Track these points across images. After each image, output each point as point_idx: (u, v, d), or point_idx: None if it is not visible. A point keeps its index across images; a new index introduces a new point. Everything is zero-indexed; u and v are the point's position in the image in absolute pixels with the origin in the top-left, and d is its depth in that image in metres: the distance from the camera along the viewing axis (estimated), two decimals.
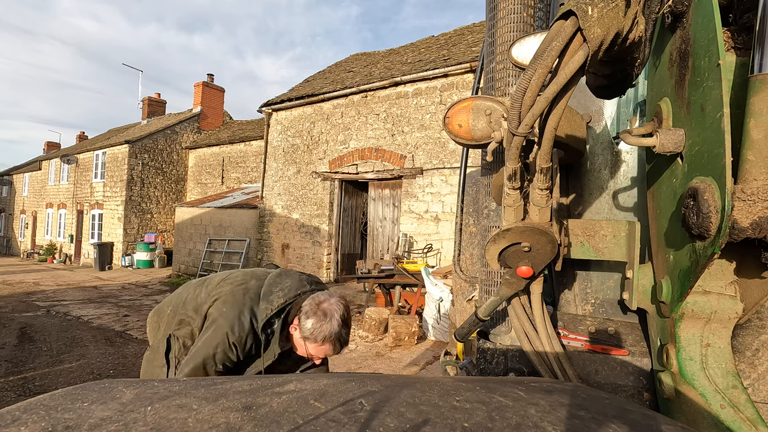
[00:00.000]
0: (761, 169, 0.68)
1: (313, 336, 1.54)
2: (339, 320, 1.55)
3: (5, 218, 29.56)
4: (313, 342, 1.55)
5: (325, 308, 1.55)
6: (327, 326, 1.53)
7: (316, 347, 1.57)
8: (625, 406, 0.49)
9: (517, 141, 0.78)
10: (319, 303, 1.57)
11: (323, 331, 1.53)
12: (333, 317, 1.54)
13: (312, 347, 1.57)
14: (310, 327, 1.55)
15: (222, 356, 1.53)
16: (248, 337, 1.57)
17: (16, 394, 4.71)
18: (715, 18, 0.70)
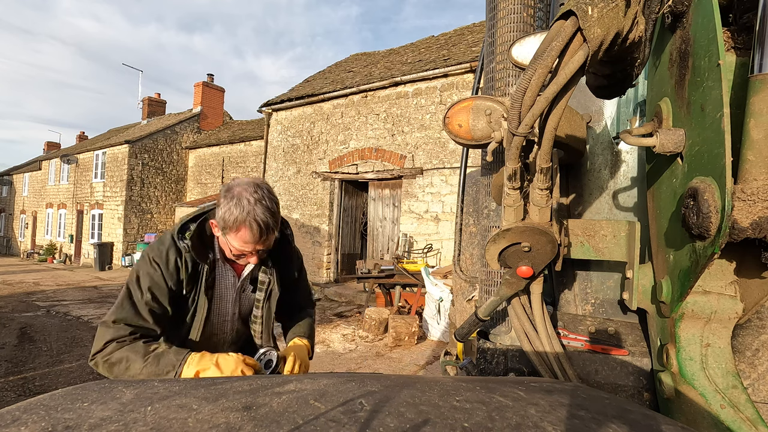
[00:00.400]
0: (761, 169, 0.68)
1: (226, 224, 1.35)
2: (250, 199, 1.33)
3: (5, 218, 29.56)
4: (230, 232, 1.35)
5: (234, 191, 1.35)
6: (236, 208, 1.33)
7: (234, 237, 1.36)
8: (625, 406, 0.49)
9: (517, 141, 0.78)
10: (228, 188, 1.38)
11: (233, 213, 1.33)
12: (242, 196, 1.33)
13: (232, 239, 1.37)
14: (221, 215, 1.36)
15: (146, 279, 1.36)
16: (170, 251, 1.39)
17: (16, 394, 4.71)
18: (715, 18, 0.70)
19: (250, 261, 1.44)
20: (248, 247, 1.38)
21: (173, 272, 1.39)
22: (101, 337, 1.35)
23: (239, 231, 1.34)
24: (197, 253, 1.43)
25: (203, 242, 1.47)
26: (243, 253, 1.41)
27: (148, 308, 1.36)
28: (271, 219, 1.36)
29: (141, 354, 1.31)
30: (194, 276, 1.45)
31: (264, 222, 1.34)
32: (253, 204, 1.33)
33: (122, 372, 1.31)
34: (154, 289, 1.37)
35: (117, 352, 1.32)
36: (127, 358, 1.31)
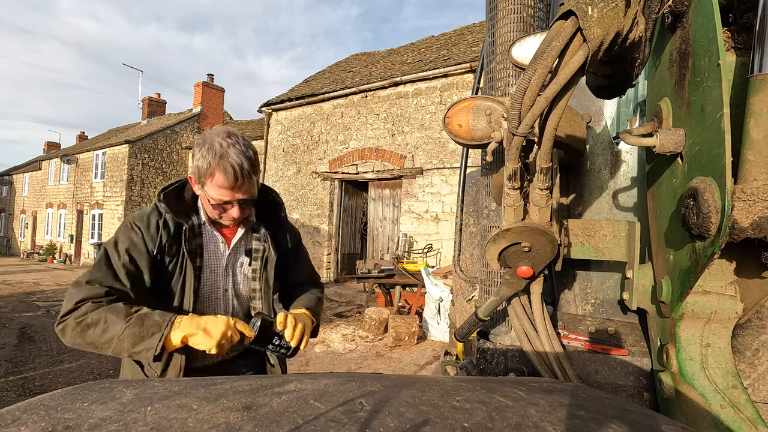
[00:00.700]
0: (761, 169, 0.68)
1: (200, 172, 1.28)
2: (222, 143, 1.27)
3: (5, 218, 29.56)
4: (206, 180, 1.28)
5: (205, 139, 1.30)
6: (208, 153, 1.26)
7: (210, 185, 1.28)
8: (625, 406, 0.49)
9: (517, 141, 0.78)
10: (201, 139, 1.32)
11: (206, 158, 1.26)
12: (214, 142, 1.27)
13: (208, 189, 1.29)
14: (194, 165, 1.31)
15: (125, 242, 1.27)
16: (151, 214, 1.33)
17: (16, 394, 4.71)
18: (715, 18, 0.70)
19: (233, 215, 1.34)
20: (225, 194, 1.29)
21: (154, 234, 1.31)
22: (72, 297, 1.20)
23: (213, 176, 1.26)
24: (175, 212, 1.35)
25: (184, 203, 1.40)
26: (222, 204, 1.31)
27: (125, 270, 1.25)
28: (246, 162, 1.28)
29: (122, 315, 1.18)
30: (177, 240, 1.35)
31: (238, 164, 1.26)
32: (226, 147, 1.26)
33: (98, 335, 1.17)
34: (133, 252, 1.27)
35: (93, 312, 1.18)
36: (105, 319, 1.18)
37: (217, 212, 1.35)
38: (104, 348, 1.19)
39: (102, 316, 1.18)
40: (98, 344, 1.18)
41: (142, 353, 1.17)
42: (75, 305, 1.19)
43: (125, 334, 1.16)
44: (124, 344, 1.17)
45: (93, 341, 1.18)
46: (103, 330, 1.17)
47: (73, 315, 1.19)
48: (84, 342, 1.19)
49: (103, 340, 1.17)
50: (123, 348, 1.17)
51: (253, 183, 1.33)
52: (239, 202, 1.33)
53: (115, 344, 1.17)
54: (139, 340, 1.16)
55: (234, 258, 1.48)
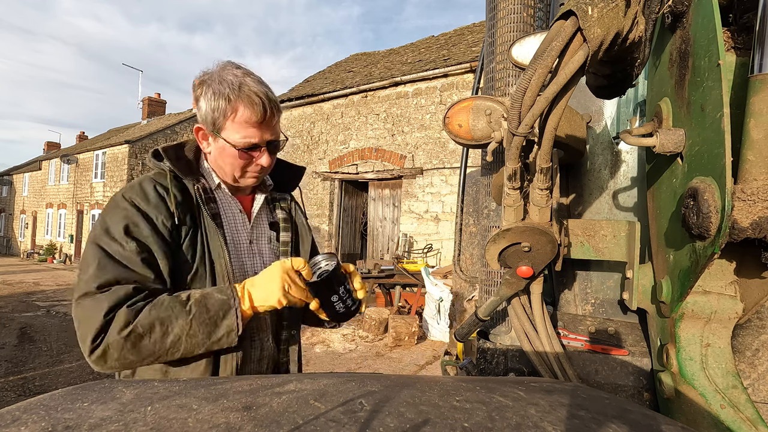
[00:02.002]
0: (761, 169, 0.68)
1: (217, 113, 1.04)
2: (236, 73, 1.05)
3: (5, 218, 29.57)
4: (225, 120, 1.05)
5: (211, 76, 1.07)
6: (222, 86, 1.03)
7: (233, 124, 1.05)
8: (625, 406, 0.49)
9: (517, 141, 0.78)
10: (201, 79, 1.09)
11: (223, 93, 1.03)
12: (224, 76, 1.05)
13: (231, 130, 1.05)
14: (205, 109, 1.06)
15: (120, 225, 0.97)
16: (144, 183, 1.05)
17: (16, 394, 4.71)
18: (715, 18, 0.70)
19: (263, 163, 1.11)
20: (253, 134, 1.05)
21: (157, 203, 1.02)
22: (93, 312, 0.90)
23: (236, 112, 1.04)
24: (179, 168, 1.08)
25: (187, 162, 1.14)
26: (249, 149, 1.08)
27: (139, 258, 0.96)
28: (269, 91, 1.09)
29: (177, 307, 0.93)
30: (189, 205, 1.07)
31: (263, 93, 1.06)
32: (242, 77, 1.05)
33: (158, 342, 0.92)
34: (136, 233, 0.97)
35: (139, 319, 0.91)
36: (160, 320, 0.92)
37: (242, 164, 1.10)
38: (171, 353, 0.95)
39: (153, 317, 0.92)
40: (161, 352, 0.94)
41: (223, 339, 0.97)
42: (105, 319, 0.90)
43: (194, 327, 0.94)
44: (196, 339, 0.95)
45: (153, 351, 0.93)
46: (164, 333, 0.92)
47: (113, 332, 0.90)
48: (140, 357, 0.93)
49: (168, 345, 0.93)
50: (196, 343, 0.95)
51: (279, 119, 1.13)
52: (267, 146, 1.11)
53: (185, 343, 0.94)
54: (213, 327, 0.95)
55: (257, 232, 1.23)
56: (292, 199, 1.33)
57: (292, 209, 1.30)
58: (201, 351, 0.98)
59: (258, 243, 1.22)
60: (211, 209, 1.10)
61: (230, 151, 1.09)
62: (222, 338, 0.97)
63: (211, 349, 0.99)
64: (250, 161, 1.11)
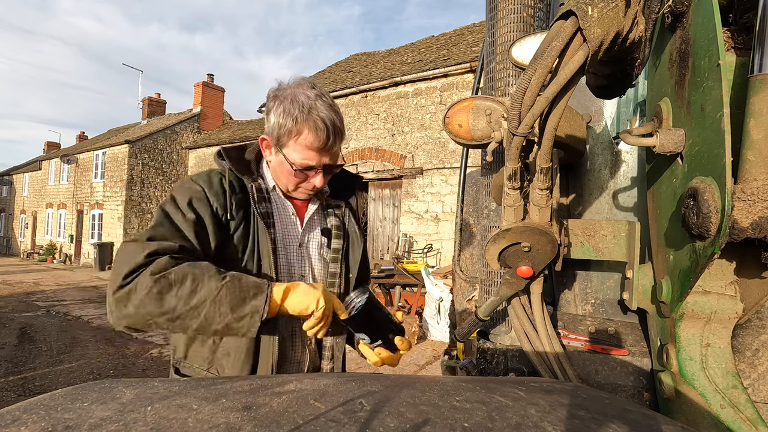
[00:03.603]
0: (761, 169, 0.68)
1: (282, 130, 1.08)
2: (309, 94, 1.08)
3: (5, 218, 29.58)
4: (289, 139, 1.08)
5: (285, 92, 1.10)
6: (293, 106, 1.06)
7: (295, 145, 1.08)
8: (625, 406, 0.49)
9: (517, 141, 0.78)
10: (275, 93, 1.12)
11: (291, 113, 1.06)
12: (297, 94, 1.08)
13: (292, 150, 1.09)
14: (273, 122, 1.09)
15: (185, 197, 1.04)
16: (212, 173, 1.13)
17: (16, 394, 4.71)
18: (715, 18, 0.70)
19: (316, 184, 1.13)
20: (312, 157, 1.09)
21: (218, 191, 1.08)
22: (136, 252, 0.91)
23: (300, 134, 1.07)
24: (239, 170, 1.13)
25: (247, 163, 1.18)
26: (305, 170, 1.11)
27: (193, 230, 1.00)
28: (336, 118, 1.10)
29: (214, 271, 0.94)
30: (245, 201, 1.12)
31: (330, 120, 1.07)
32: (314, 99, 1.07)
33: (184, 296, 0.89)
34: (198, 207, 1.03)
35: (176, 268, 0.91)
36: (194, 276, 0.91)
37: (296, 181, 1.14)
38: (189, 316, 0.91)
39: (188, 271, 0.91)
40: (181, 311, 0.90)
41: (245, 319, 0.93)
42: (146, 259, 0.90)
43: (222, 293, 0.91)
44: (220, 308, 0.91)
45: (175, 306, 0.90)
46: (192, 289, 0.90)
47: (146, 272, 0.89)
48: (159, 308, 0.89)
49: (192, 303, 0.90)
50: (218, 314, 0.91)
51: (340, 145, 1.15)
52: (324, 168, 1.14)
53: (209, 308, 0.91)
54: (240, 302, 0.93)
55: (308, 236, 1.24)
56: (347, 206, 1.33)
57: (345, 217, 1.31)
58: (220, 326, 0.93)
59: (308, 247, 1.24)
60: (262, 208, 1.14)
61: (287, 168, 1.13)
62: (245, 317, 0.93)
63: (231, 330, 0.94)
64: (304, 180, 1.15)
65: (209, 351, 1.10)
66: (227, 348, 1.09)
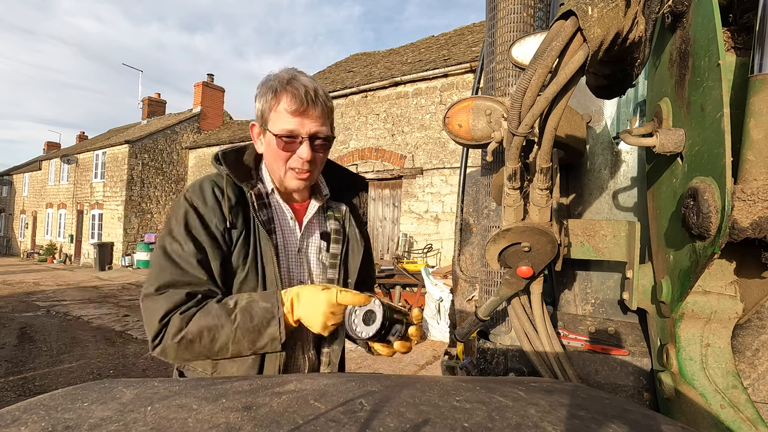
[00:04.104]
0: (761, 169, 0.68)
1: (265, 106, 1.11)
2: (287, 69, 1.13)
3: (5, 218, 29.58)
4: (271, 111, 1.10)
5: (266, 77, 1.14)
6: (271, 81, 1.11)
7: (277, 113, 1.09)
8: (625, 406, 0.49)
9: (517, 141, 0.78)
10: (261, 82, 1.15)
11: (270, 86, 1.10)
12: (275, 74, 1.13)
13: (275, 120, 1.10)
14: (258, 106, 1.14)
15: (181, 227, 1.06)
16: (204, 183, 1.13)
17: (16, 394, 4.71)
18: (715, 18, 0.70)
19: (303, 155, 1.10)
20: (292, 122, 1.08)
21: (214, 206, 1.08)
22: (153, 314, 1.01)
23: (280, 101, 1.09)
24: (237, 176, 1.13)
25: (245, 168, 1.19)
26: (289, 138, 1.09)
27: (195, 260, 1.04)
28: (317, 86, 1.11)
29: (223, 316, 1.00)
30: (243, 208, 1.12)
31: (308, 84, 1.09)
32: (293, 73, 1.11)
33: (207, 346, 1.00)
34: (197, 234, 1.05)
35: (189, 326, 0.99)
36: (208, 328, 0.99)
37: (285, 156, 1.12)
38: (221, 354, 1.03)
39: (201, 326, 1.00)
40: (211, 354, 1.02)
41: (267, 346, 1.02)
42: (161, 324, 1.01)
43: (238, 335, 1.00)
44: (241, 345, 1.01)
45: (205, 353, 1.02)
46: (212, 340, 1.00)
47: (168, 336, 1.00)
48: (194, 356, 1.03)
49: (217, 349, 1.01)
50: (242, 348, 1.02)
51: (325, 116, 1.14)
52: (310, 139, 1.12)
53: (232, 348, 1.01)
54: (256, 335, 1.00)
55: (307, 241, 1.24)
56: (348, 208, 1.30)
57: (346, 219, 1.28)
58: (248, 354, 1.04)
59: (306, 252, 1.24)
60: (263, 215, 1.14)
61: (273, 144, 1.12)
62: (266, 345, 1.02)
63: (258, 353, 1.05)
64: (291, 153, 1.12)
65: (210, 365, 1.13)
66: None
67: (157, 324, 1.00)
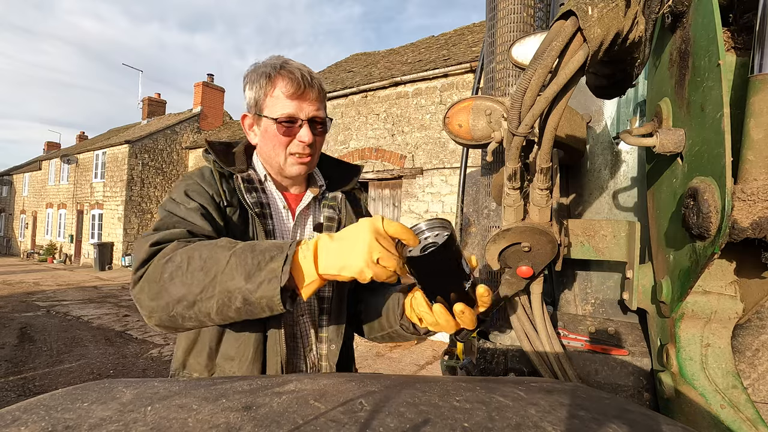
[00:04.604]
0: (761, 169, 0.68)
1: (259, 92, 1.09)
2: (276, 56, 1.11)
3: (5, 218, 29.58)
4: (266, 96, 1.08)
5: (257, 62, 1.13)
6: (265, 67, 1.09)
7: (274, 101, 1.07)
8: (625, 406, 0.49)
9: (517, 141, 0.78)
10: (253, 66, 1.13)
11: (262, 72, 1.08)
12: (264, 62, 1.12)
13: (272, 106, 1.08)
14: (249, 96, 1.12)
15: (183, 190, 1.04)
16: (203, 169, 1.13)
17: (16, 393, 4.71)
18: (715, 18, 0.70)
19: (304, 138, 1.08)
20: (292, 105, 1.07)
21: (211, 182, 1.08)
22: (142, 243, 0.90)
23: (275, 87, 1.07)
24: (225, 162, 1.10)
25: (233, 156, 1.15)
26: (289, 123, 1.07)
27: (198, 214, 0.99)
28: (310, 70, 1.11)
29: (223, 245, 0.85)
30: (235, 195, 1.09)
31: (303, 68, 1.09)
32: (284, 60, 1.10)
33: (194, 276, 0.81)
34: (197, 197, 1.02)
35: (182, 249, 0.86)
36: (200, 253, 0.83)
37: (285, 141, 1.09)
38: (204, 296, 0.81)
39: (196, 248, 0.84)
40: (195, 293, 0.81)
41: (263, 286, 0.78)
42: (152, 249, 0.87)
43: (233, 263, 0.80)
44: (232, 282, 0.79)
45: (188, 289, 0.81)
46: (200, 267, 0.81)
47: (155, 259, 0.86)
48: (173, 294, 0.82)
49: (205, 282, 0.80)
50: (232, 289, 0.80)
51: (321, 98, 1.13)
52: (309, 122, 1.10)
53: (220, 285, 0.80)
54: (254, 268, 0.79)
55: (300, 232, 1.19)
56: (343, 196, 1.26)
57: (342, 207, 1.23)
58: (239, 301, 0.80)
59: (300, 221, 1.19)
60: (252, 197, 1.11)
61: (271, 130, 1.09)
62: (261, 284, 0.78)
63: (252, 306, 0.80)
64: (291, 138, 1.10)
65: (207, 357, 1.04)
66: (229, 352, 1.03)
67: (147, 249, 0.88)
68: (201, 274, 0.81)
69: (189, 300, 0.82)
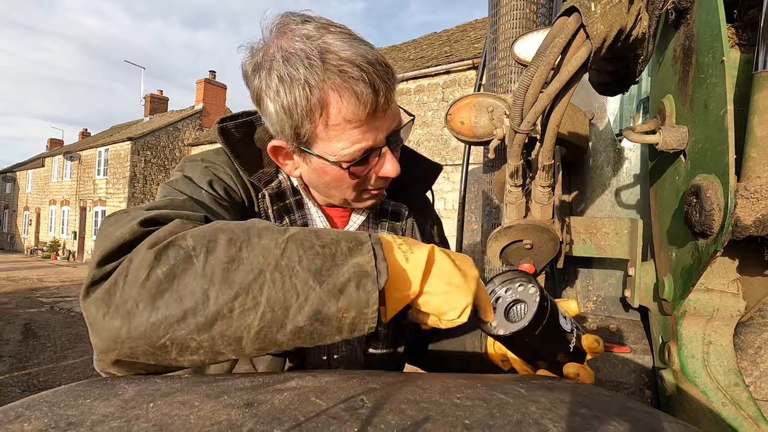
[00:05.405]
0: (765, 166, 0.68)
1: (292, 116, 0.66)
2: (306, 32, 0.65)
3: (9, 215, 29.71)
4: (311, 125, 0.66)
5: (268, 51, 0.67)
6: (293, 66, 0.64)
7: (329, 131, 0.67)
8: (626, 403, 0.49)
9: (520, 138, 0.77)
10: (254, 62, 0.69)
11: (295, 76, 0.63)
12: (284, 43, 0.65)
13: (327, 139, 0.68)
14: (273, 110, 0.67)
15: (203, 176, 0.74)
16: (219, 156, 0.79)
17: (20, 389, 4.74)
18: (719, 14, 0.70)
19: (388, 171, 0.72)
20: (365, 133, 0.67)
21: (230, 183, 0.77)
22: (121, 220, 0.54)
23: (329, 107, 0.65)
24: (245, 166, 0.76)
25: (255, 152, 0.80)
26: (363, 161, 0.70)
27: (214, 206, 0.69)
28: (369, 51, 0.66)
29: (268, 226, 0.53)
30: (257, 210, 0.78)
31: (363, 57, 0.64)
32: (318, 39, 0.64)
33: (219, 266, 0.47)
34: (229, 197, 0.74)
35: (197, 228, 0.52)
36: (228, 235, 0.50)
37: (356, 183, 0.73)
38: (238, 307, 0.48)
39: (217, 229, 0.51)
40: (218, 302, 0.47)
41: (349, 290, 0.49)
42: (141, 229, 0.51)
43: (289, 251, 0.49)
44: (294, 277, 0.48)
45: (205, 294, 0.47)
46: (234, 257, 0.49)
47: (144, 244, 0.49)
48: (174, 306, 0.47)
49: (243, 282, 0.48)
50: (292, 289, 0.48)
51: (395, 92, 0.71)
52: (389, 140, 0.71)
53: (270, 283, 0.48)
54: (328, 260, 0.50)
55: None
56: (409, 215, 0.90)
57: (407, 230, 0.89)
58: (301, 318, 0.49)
59: None
60: (285, 222, 0.78)
61: (335, 174, 0.71)
62: (346, 286, 0.49)
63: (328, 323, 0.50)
64: (367, 176, 0.74)
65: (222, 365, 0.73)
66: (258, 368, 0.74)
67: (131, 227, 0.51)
68: (234, 267, 0.48)
69: (207, 314, 0.47)
